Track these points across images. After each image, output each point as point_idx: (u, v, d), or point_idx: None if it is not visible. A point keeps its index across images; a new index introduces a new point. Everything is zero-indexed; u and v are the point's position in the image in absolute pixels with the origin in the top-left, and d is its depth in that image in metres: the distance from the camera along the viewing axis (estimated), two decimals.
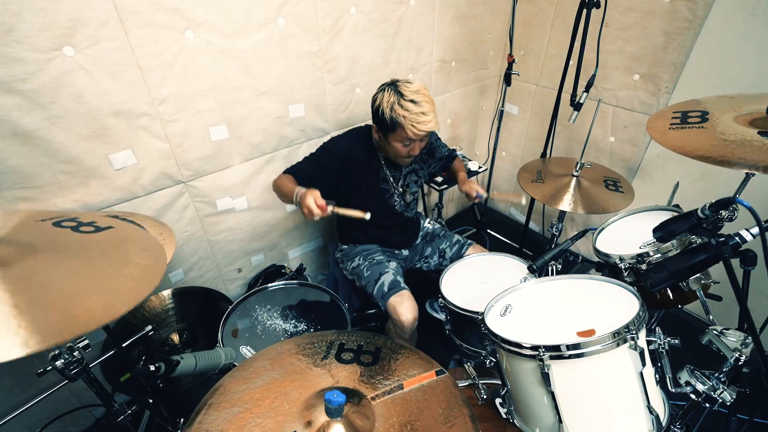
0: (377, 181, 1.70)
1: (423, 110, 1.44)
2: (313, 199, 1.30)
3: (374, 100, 1.52)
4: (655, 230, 0.97)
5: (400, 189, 1.77)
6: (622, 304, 1.00)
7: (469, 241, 1.89)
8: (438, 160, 1.96)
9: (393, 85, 1.48)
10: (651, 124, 1.21)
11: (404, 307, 1.57)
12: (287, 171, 1.55)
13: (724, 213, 0.91)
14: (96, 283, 0.68)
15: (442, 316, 1.57)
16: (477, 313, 1.32)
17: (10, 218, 0.79)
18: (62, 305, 0.62)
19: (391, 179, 1.73)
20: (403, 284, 1.65)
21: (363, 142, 1.64)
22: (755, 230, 0.82)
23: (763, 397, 1.20)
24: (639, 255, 1.21)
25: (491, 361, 1.17)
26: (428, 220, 2.05)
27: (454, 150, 2.07)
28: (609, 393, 0.92)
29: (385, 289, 1.63)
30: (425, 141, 1.57)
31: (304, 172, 1.54)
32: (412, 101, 1.43)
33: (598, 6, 1.67)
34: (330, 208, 1.33)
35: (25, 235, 0.75)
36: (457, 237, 1.92)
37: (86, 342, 0.94)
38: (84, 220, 0.85)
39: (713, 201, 0.90)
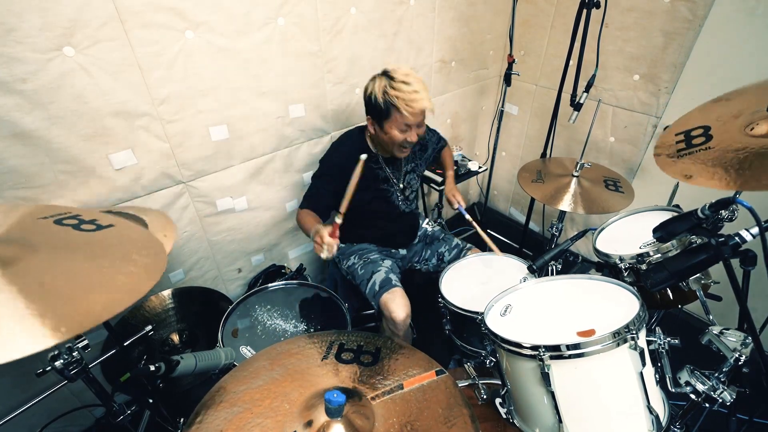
0: (377, 182, 1.70)
1: (415, 89, 1.45)
2: (323, 234, 1.31)
3: (366, 89, 1.54)
4: (655, 230, 0.97)
5: (401, 185, 1.77)
6: (622, 304, 1.00)
7: (468, 245, 1.86)
8: (431, 152, 1.95)
9: (383, 72, 1.51)
10: (661, 159, 1.07)
11: (396, 303, 1.56)
12: (303, 201, 1.64)
13: (724, 213, 0.91)
14: (96, 282, 0.68)
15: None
16: (477, 313, 1.32)
17: (9, 216, 0.79)
18: (62, 303, 0.62)
19: (393, 178, 1.73)
20: (395, 281, 1.64)
21: (356, 146, 1.63)
22: (755, 230, 0.82)
23: (763, 397, 1.20)
24: (639, 255, 1.21)
25: (491, 361, 1.18)
26: (427, 221, 2.02)
27: (443, 139, 2.03)
28: (609, 393, 0.92)
29: (377, 287, 1.62)
30: (422, 128, 1.57)
31: (314, 193, 1.64)
32: (403, 82, 1.45)
33: (598, 6, 1.67)
34: (338, 221, 1.33)
35: (25, 234, 0.75)
36: (456, 241, 1.90)
37: (86, 342, 0.94)
38: (86, 218, 0.85)
39: (713, 201, 0.90)
